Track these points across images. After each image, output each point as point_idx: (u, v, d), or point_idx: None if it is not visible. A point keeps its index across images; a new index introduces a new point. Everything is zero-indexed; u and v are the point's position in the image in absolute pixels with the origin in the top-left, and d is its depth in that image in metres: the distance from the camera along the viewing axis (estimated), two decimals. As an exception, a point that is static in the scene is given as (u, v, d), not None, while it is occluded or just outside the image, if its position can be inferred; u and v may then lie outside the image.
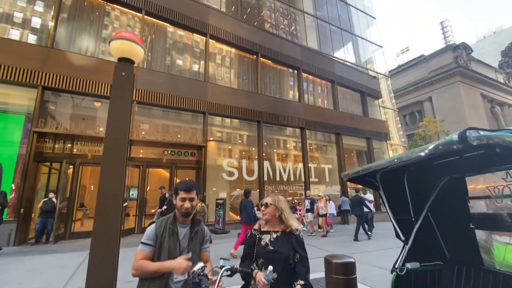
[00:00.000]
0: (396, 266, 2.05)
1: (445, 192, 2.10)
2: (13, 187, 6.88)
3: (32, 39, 8.12)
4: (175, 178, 9.49)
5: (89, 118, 8.49)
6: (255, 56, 12.12)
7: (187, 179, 10.41)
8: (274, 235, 1.66)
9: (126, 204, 7.61)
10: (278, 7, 14.93)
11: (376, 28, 19.07)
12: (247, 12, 14.15)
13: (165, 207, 7.13)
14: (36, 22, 8.31)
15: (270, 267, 1.44)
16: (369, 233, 8.19)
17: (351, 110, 15.17)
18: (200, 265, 1.27)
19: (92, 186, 10.72)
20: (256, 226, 1.80)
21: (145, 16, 9.60)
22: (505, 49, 50.56)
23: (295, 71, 13.35)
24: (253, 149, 11.34)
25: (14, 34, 7.90)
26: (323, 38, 16.01)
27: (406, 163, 1.53)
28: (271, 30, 14.27)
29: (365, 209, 8.25)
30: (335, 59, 15.53)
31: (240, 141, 11.52)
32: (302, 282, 1.50)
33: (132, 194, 8.71)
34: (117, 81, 2.17)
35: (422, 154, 1.30)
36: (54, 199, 6.96)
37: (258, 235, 1.71)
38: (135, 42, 2.09)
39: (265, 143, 11.54)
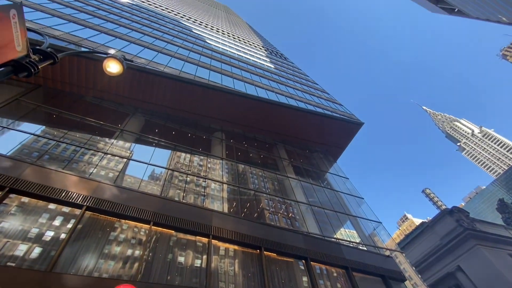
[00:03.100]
0: None
1: None
2: None
3: (37, 251, 8.08)
4: None
5: None
6: (258, 251, 11.78)
7: None
8: None
9: None
10: (274, 197, 16.85)
11: (368, 206, 20.45)
12: (247, 205, 15.66)
13: None
14: (48, 235, 8.64)
15: None
16: None
17: (380, 302, 12.70)
18: None
19: None
20: None
21: (153, 227, 10.26)
22: (497, 206, 52.41)
23: (303, 260, 12.53)
24: None
25: (21, 249, 7.90)
26: (320, 219, 16.65)
27: None
28: (271, 217, 15.08)
29: None
30: (340, 241, 15.22)
31: None
32: None
33: None
34: None
35: None
36: None
37: None
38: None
39: None
